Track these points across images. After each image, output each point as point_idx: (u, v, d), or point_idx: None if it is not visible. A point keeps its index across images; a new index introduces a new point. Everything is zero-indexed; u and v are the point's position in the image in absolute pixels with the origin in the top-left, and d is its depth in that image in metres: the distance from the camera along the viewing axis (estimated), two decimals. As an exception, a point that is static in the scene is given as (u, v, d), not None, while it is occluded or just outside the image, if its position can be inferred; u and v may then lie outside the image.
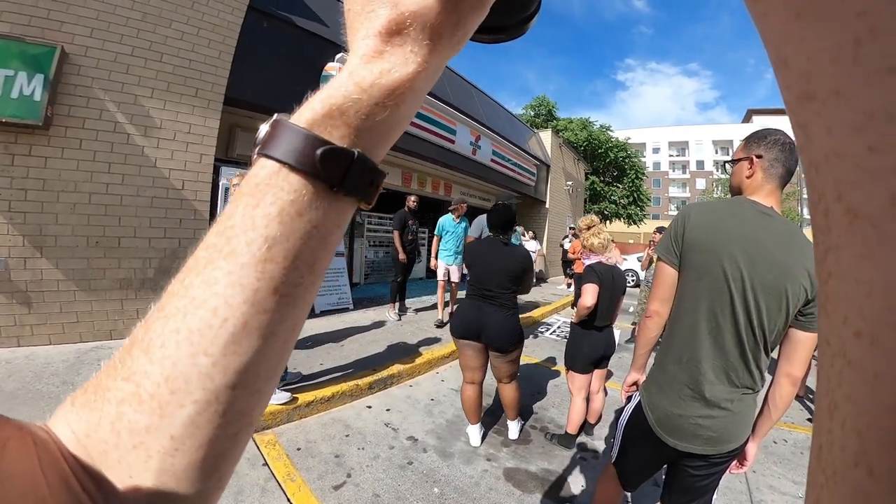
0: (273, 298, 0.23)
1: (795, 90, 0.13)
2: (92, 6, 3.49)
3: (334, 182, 0.24)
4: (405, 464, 2.49)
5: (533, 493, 2.33)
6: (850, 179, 0.12)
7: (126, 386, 0.22)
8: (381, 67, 0.25)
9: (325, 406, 3.08)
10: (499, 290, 2.56)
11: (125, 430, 0.21)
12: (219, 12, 4.17)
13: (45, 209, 3.45)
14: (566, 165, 14.27)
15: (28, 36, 3.21)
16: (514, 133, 11.01)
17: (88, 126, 3.59)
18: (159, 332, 0.22)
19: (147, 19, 3.76)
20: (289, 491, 2.12)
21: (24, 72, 3.19)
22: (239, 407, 0.23)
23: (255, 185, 0.24)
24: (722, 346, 1.30)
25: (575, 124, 20.78)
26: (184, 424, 0.22)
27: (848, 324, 0.12)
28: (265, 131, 0.25)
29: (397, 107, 0.25)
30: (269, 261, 0.23)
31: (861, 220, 0.12)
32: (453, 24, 0.25)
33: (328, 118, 0.24)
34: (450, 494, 2.24)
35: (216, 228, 0.24)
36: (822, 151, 0.13)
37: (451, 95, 7.98)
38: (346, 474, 2.33)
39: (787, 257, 1.22)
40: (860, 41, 0.11)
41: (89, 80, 3.54)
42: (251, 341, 0.23)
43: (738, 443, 1.36)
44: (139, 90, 3.81)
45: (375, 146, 0.26)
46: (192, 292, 0.23)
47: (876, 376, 0.11)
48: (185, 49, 4.00)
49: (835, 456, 0.13)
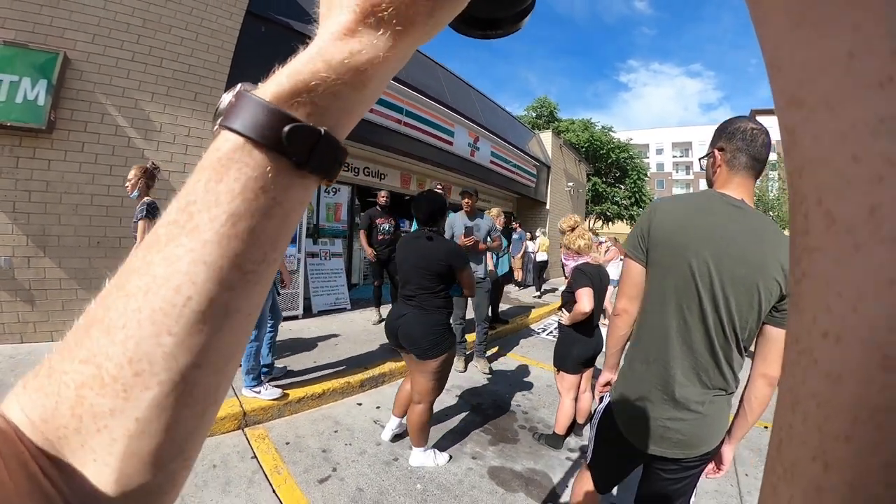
0: (237, 275, 0.23)
1: (786, 95, 0.14)
2: (94, 13, 3.60)
3: (300, 160, 0.24)
4: (391, 460, 2.56)
5: (516, 492, 2.37)
6: (831, 186, 0.12)
7: (85, 368, 0.21)
8: (350, 47, 0.24)
9: (316, 402, 3.16)
10: (418, 290, 2.28)
11: (87, 414, 0.21)
12: (217, 18, 4.27)
13: (49, 210, 3.56)
14: (567, 166, 14.30)
15: (32, 43, 3.33)
16: (514, 134, 11.05)
17: (90, 129, 3.71)
18: (120, 312, 0.22)
19: (147, 25, 3.87)
20: (275, 483, 2.20)
21: (28, 77, 3.31)
22: (204, 386, 0.23)
23: (217, 159, 0.23)
24: (691, 345, 1.25)
25: (577, 125, 20.81)
26: (149, 406, 0.21)
27: (817, 323, 0.12)
28: (228, 101, 0.25)
29: (364, 87, 0.26)
30: (234, 237, 0.22)
31: (838, 225, 0.12)
32: (427, 13, 0.25)
33: (294, 94, 0.24)
34: (433, 491, 2.30)
35: (176, 204, 0.23)
36: (806, 156, 0.13)
37: (448, 97, 8.05)
38: (331, 468, 2.41)
39: (760, 252, 1.17)
40: (853, 54, 0.11)
41: (91, 85, 3.66)
42: (216, 320, 0.22)
43: (711, 446, 1.32)
44: (139, 94, 3.91)
45: (340, 124, 0.26)
46: (153, 270, 0.22)
47: (839, 375, 0.11)
48: (185, 54, 4.11)
49: (794, 449, 0.13)
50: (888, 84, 0.11)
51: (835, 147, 0.12)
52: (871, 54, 0.11)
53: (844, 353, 0.11)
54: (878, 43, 0.11)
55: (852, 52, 0.11)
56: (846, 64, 0.11)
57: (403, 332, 2.27)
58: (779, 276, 1.16)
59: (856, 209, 0.11)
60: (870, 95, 0.11)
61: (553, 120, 22.19)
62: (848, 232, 0.12)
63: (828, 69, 0.12)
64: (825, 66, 0.12)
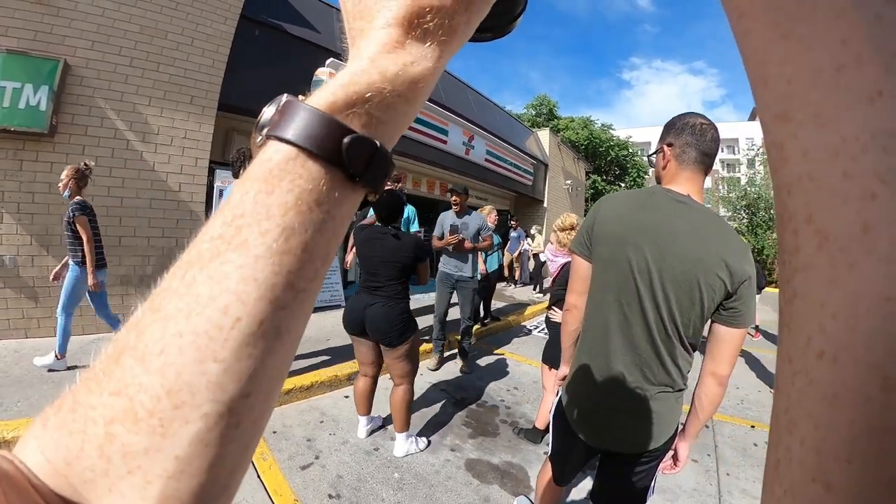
0: (290, 293, 0.22)
1: (774, 110, 0.13)
2: (92, 21, 3.75)
3: (356, 172, 0.23)
4: (371, 450, 2.70)
5: (491, 484, 2.45)
6: (822, 203, 0.12)
7: (116, 402, 0.19)
8: (403, 59, 0.24)
9: (305, 394, 3.31)
10: (385, 280, 2.45)
11: (118, 454, 0.19)
12: (212, 22, 4.40)
13: (51, 210, 3.72)
14: (565, 164, 14.35)
15: (33, 50, 3.49)
16: (510, 132, 11.13)
17: (90, 133, 3.86)
18: (157, 337, 0.20)
19: (144, 31, 4.01)
20: (259, 469, 2.35)
21: (30, 84, 3.46)
22: (252, 417, 0.21)
23: (268, 170, 0.22)
24: (632, 340, 1.25)
25: (576, 123, 20.79)
26: (191, 443, 0.19)
27: (811, 344, 0.12)
28: (273, 112, 0.24)
29: (415, 99, 0.26)
30: (287, 253, 0.21)
31: (831, 243, 0.12)
32: (466, 21, 0.26)
33: (350, 105, 0.23)
34: (409, 480, 2.42)
35: (221, 219, 0.22)
36: (795, 173, 0.13)
37: (443, 96, 8.14)
38: (314, 456, 2.56)
39: (702, 248, 1.16)
40: (843, 68, 0.11)
41: (91, 91, 3.81)
42: (267, 342, 0.21)
43: (657, 443, 1.29)
44: (137, 98, 4.06)
45: (390, 138, 0.26)
46: (196, 289, 0.20)
47: (836, 395, 0.11)
48: (181, 58, 4.24)
49: (793, 471, 0.13)
50: (878, 99, 0.11)
51: (825, 163, 0.12)
52: (861, 69, 0.11)
53: (842, 375, 0.11)
54: (868, 58, 0.11)
55: (841, 66, 0.11)
56: (835, 78, 0.11)
57: (372, 323, 2.41)
58: (722, 273, 1.14)
59: (849, 227, 0.11)
60: (860, 110, 0.11)
61: (553, 118, 22.17)
62: (841, 251, 0.11)
63: (816, 83, 0.12)
64: (814, 81, 0.12)
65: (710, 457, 3.00)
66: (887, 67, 0.10)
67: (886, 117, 0.10)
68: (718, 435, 3.37)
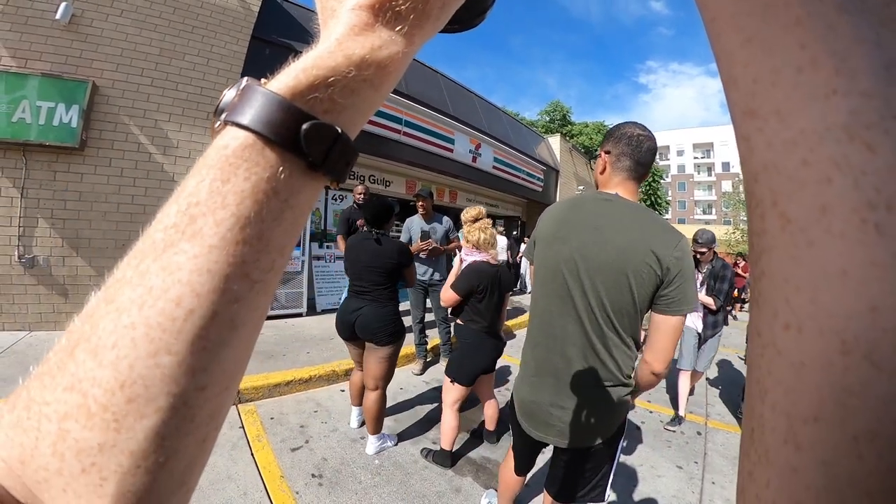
0: (245, 285, 0.21)
1: (741, 106, 0.15)
2: (117, 45, 4.15)
3: (316, 160, 0.22)
4: (358, 438, 2.88)
5: (464, 476, 2.57)
6: (784, 189, 0.13)
7: (70, 397, 0.18)
8: (371, 42, 0.23)
9: (303, 387, 3.54)
10: (371, 286, 2.51)
11: (71, 451, 0.18)
12: (225, 43, 4.76)
13: (81, 216, 4.12)
14: (577, 170, 14.36)
15: (65, 73, 3.90)
16: (519, 139, 11.26)
17: (116, 147, 4.25)
18: (110, 330, 0.19)
19: (164, 54, 4.39)
20: (254, 448, 2.58)
21: (63, 103, 3.86)
22: (208, 410, 0.21)
23: (224, 157, 0.21)
24: (567, 332, 1.29)
25: (590, 128, 20.76)
26: (146, 437, 0.18)
27: (777, 317, 0.13)
28: (231, 96, 0.23)
29: (382, 85, 0.25)
30: (242, 243, 0.20)
31: (792, 224, 0.13)
32: (440, 6, 0.25)
33: (312, 90, 0.22)
34: (388, 467, 2.59)
35: (176, 206, 0.21)
36: (761, 162, 0.14)
37: (450, 106, 8.37)
38: (304, 440, 2.77)
39: (627, 239, 1.21)
40: (801, 69, 0.12)
41: (116, 108, 4.20)
42: (221, 334, 0.20)
43: (598, 438, 1.32)
44: (158, 115, 4.43)
45: (354, 124, 0.25)
46: (149, 280, 0.19)
47: (802, 363, 0.12)
48: (197, 78, 4.61)
49: (766, 436, 0.14)
50: (833, 96, 0.12)
51: (786, 153, 0.13)
52: (817, 70, 0.12)
53: (806, 342, 0.12)
54: (824, 60, 0.12)
55: (801, 67, 0.12)
56: (794, 78, 0.13)
57: (361, 325, 2.51)
58: (650, 261, 1.17)
59: (808, 209, 0.12)
60: (817, 106, 0.12)
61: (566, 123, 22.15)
62: (802, 230, 0.12)
63: (778, 82, 0.13)
64: (775, 80, 0.13)
65: (698, 464, 3.00)
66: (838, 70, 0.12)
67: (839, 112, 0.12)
68: (710, 442, 3.37)
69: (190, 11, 4.54)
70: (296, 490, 2.28)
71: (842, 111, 0.12)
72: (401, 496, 2.33)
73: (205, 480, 2.24)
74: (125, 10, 4.17)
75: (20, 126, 3.74)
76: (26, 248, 3.91)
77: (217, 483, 2.24)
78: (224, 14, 4.75)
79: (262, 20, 5.07)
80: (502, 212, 12.20)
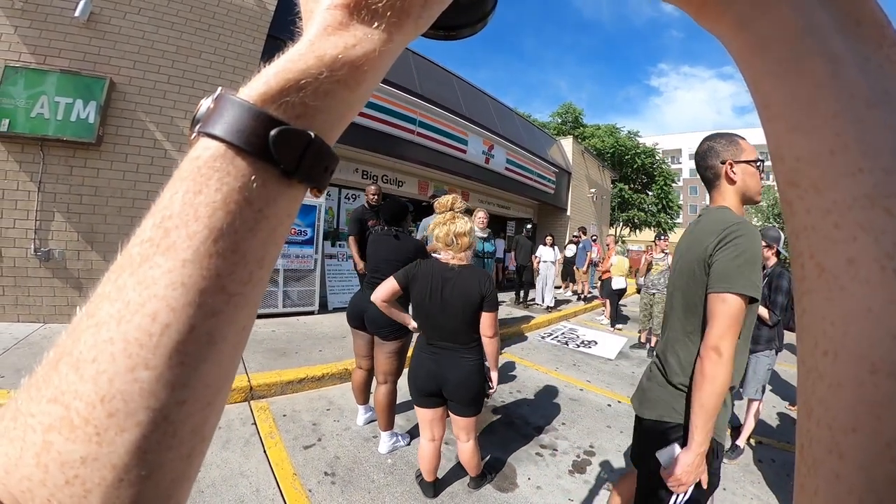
0: (222, 298, 0.20)
1: (786, 178, 0.18)
2: (135, 43, 4.18)
3: (288, 167, 0.22)
4: (370, 437, 2.83)
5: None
6: (820, 245, 0.17)
7: (53, 409, 0.18)
8: (345, 41, 0.23)
9: (316, 384, 3.50)
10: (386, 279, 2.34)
11: (55, 462, 0.18)
12: (242, 42, 4.78)
13: (97, 211, 4.14)
14: (589, 173, 14.23)
15: (83, 70, 3.93)
16: (532, 141, 11.19)
17: (132, 143, 4.28)
18: (90, 344, 0.19)
19: (180, 52, 4.42)
20: (267, 445, 2.53)
21: (80, 99, 3.90)
22: (190, 425, 0.20)
23: (196, 168, 0.21)
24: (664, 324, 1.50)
25: (602, 131, 20.61)
26: (128, 452, 0.18)
27: (818, 346, 0.16)
28: (206, 106, 0.23)
29: (358, 85, 0.24)
30: (216, 256, 0.20)
31: (826, 273, 0.16)
32: (421, 4, 0.24)
33: (283, 94, 0.22)
34: (400, 466, 2.54)
35: (151, 220, 0.21)
36: (801, 224, 0.18)
37: (463, 107, 8.34)
38: (317, 438, 2.72)
39: (691, 247, 1.33)
40: (834, 152, 0.16)
41: (133, 105, 4.23)
42: (199, 350, 0.20)
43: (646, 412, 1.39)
44: (174, 112, 4.46)
45: (330, 128, 0.24)
46: (126, 294, 0.19)
47: (839, 383, 0.15)
48: (213, 76, 4.63)
49: (814, 448, 0.16)
50: (859, 174, 0.15)
51: (821, 217, 0.17)
52: (848, 153, 0.16)
53: (841, 366, 0.15)
54: (853, 146, 0.16)
55: (833, 150, 0.16)
56: (829, 159, 0.16)
57: (370, 317, 2.54)
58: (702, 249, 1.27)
59: (838, 261, 0.16)
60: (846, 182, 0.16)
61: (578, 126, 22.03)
62: (834, 278, 0.16)
63: (816, 162, 0.17)
64: (814, 160, 0.17)
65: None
66: (864, 153, 0.16)
67: (865, 185, 0.15)
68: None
69: (207, 10, 4.57)
70: (308, 488, 2.23)
71: (867, 184, 0.15)
72: (413, 496, 2.28)
73: (218, 476, 2.21)
74: (143, 8, 4.21)
75: (38, 121, 3.77)
76: (42, 242, 3.93)
77: (230, 479, 2.19)
78: (240, 13, 4.78)
79: (279, 19, 5.08)
80: (514, 213, 12.13)
